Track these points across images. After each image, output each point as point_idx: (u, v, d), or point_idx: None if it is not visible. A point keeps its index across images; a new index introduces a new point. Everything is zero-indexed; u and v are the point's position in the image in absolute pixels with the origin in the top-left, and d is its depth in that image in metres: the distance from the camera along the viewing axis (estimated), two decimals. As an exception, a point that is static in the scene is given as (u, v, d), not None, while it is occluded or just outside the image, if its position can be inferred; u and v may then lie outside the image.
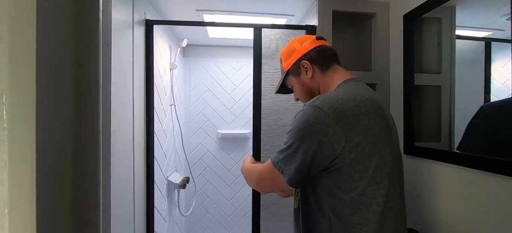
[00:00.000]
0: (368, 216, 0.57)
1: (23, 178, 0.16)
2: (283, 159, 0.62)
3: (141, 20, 1.18)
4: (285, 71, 0.78)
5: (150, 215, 1.25)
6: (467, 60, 0.92)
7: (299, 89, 0.77)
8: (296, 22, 1.56)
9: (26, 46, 0.16)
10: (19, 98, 0.16)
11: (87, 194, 0.22)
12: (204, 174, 2.16)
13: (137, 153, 1.14)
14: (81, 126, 0.22)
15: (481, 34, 0.89)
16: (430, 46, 1.07)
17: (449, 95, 0.98)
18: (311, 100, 0.62)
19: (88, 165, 0.22)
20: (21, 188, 0.16)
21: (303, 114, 0.61)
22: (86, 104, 0.22)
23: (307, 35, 0.80)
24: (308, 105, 0.61)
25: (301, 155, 0.59)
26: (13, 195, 0.16)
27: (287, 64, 0.77)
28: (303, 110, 0.62)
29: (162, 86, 1.51)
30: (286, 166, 0.62)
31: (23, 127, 0.16)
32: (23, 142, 0.17)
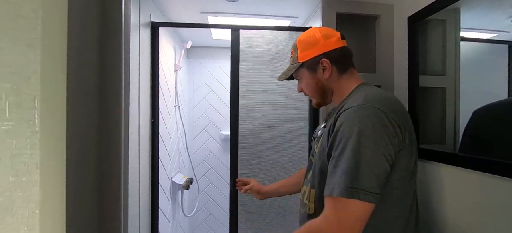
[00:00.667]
0: (404, 212, 0.58)
1: (54, 179, 0.17)
2: (351, 179, 0.50)
3: (147, 22, 1.19)
4: (299, 62, 0.70)
5: (154, 216, 1.26)
6: (474, 61, 0.92)
7: (311, 86, 0.70)
8: (300, 24, 1.57)
9: (58, 52, 0.17)
10: (51, 102, 0.17)
11: (111, 194, 0.23)
12: (207, 175, 2.17)
13: (143, 153, 1.15)
14: (106, 128, 0.23)
15: (486, 36, 0.89)
16: (434, 48, 1.07)
17: (454, 97, 0.98)
18: (360, 100, 0.56)
19: (112, 165, 0.23)
20: (52, 190, 0.17)
21: (362, 117, 0.53)
22: (111, 107, 0.23)
23: (330, 29, 0.74)
24: (361, 106, 0.55)
25: (377, 161, 0.51)
26: (44, 196, 0.16)
27: (304, 56, 0.69)
28: (358, 113, 0.54)
29: (167, 88, 1.52)
30: (360, 183, 0.50)
31: (54, 131, 0.17)
32: (54, 145, 0.17)
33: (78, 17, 0.18)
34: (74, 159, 0.18)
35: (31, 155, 0.16)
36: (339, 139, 0.54)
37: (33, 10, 0.16)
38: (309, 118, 1.30)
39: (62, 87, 0.18)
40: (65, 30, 0.17)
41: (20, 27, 0.16)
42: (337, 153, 0.54)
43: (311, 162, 0.73)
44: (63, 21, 0.17)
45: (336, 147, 0.55)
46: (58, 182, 0.17)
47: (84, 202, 0.19)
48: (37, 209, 0.16)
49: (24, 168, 0.17)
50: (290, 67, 0.73)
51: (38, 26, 0.15)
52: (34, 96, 0.16)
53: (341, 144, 0.53)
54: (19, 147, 0.16)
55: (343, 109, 0.58)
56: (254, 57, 1.27)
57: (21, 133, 0.16)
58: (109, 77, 0.20)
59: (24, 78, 0.16)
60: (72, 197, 0.18)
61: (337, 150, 0.54)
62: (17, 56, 0.16)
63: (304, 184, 0.73)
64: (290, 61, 0.74)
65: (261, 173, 1.31)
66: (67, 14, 0.17)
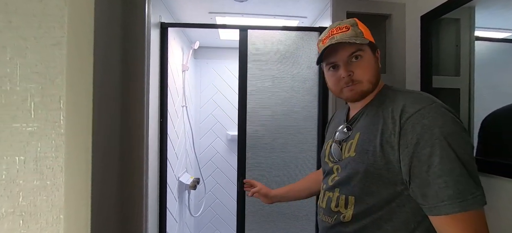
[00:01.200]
0: None
1: (79, 183, 0.16)
2: (471, 186, 0.45)
3: (156, 23, 1.19)
4: (366, 39, 0.61)
5: (162, 215, 1.26)
6: (489, 61, 0.89)
7: (374, 67, 0.63)
8: (309, 24, 1.56)
9: (84, 51, 0.16)
10: (77, 103, 0.16)
11: (134, 198, 0.22)
12: (213, 176, 2.17)
13: (151, 153, 1.15)
14: (129, 129, 0.22)
15: (501, 35, 0.87)
16: (448, 48, 1.05)
17: (468, 97, 0.96)
18: (427, 99, 0.52)
19: (135, 168, 0.22)
20: (77, 194, 0.16)
21: (450, 119, 0.49)
22: (133, 108, 0.22)
23: None
24: (438, 105, 0.50)
25: (473, 161, 0.48)
26: (68, 201, 0.16)
27: (369, 36, 0.64)
28: (442, 114, 0.49)
29: (175, 88, 1.52)
30: (478, 187, 0.46)
31: (79, 133, 0.17)
32: (80, 148, 0.17)
33: (103, 17, 0.17)
34: (99, 162, 0.17)
35: (56, 158, 0.16)
36: (431, 144, 0.47)
37: (58, 7, 0.15)
38: (318, 119, 1.29)
39: (88, 88, 0.17)
40: (92, 29, 0.17)
41: (45, 25, 0.16)
42: (437, 160, 0.46)
43: (329, 167, 0.68)
44: (89, 19, 0.16)
45: (429, 155, 0.47)
46: (83, 186, 0.16)
47: (108, 208, 0.18)
48: (61, 214, 0.15)
49: (48, 171, 0.16)
50: (359, 38, 0.61)
51: (64, 24, 0.15)
52: (59, 96, 0.15)
53: (438, 150, 0.47)
54: (44, 150, 0.16)
55: (409, 110, 0.52)
56: (262, 57, 1.26)
57: (46, 135, 0.15)
58: (132, 78, 0.19)
59: (50, 78, 0.15)
60: (96, 202, 0.18)
61: (434, 157, 0.47)
62: (43, 55, 0.15)
63: (328, 191, 0.66)
64: (348, 34, 0.61)
65: (269, 174, 1.30)
66: (93, 12, 0.17)
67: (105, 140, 0.18)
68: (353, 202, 0.59)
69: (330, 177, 0.67)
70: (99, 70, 0.17)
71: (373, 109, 0.61)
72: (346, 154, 0.63)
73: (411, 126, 0.50)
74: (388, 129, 0.54)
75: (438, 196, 0.46)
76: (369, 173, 0.56)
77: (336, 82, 0.65)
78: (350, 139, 0.63)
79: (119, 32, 0.19)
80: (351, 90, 0.62)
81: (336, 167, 0.65)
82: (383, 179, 0.55)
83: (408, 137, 0.50)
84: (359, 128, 0.62)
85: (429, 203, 0.48)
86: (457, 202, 0.44)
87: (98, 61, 0.17)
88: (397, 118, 0.53)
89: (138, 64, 0.20)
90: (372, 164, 0.55)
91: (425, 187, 0.48)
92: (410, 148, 0.49)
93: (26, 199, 0.15)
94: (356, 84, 0.62)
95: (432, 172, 0.47)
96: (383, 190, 0.55)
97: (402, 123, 0.52)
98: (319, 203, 0.70)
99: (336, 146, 0.66)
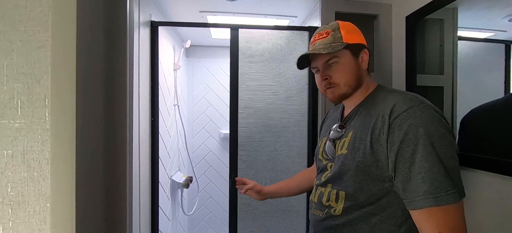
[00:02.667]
0: None
1: (64, 174, 0.18)
2: (450, 183, 0.48)
3: (146, 21, 1.19)
4: (343, 43, 0.64)
5: (154, 214, 1.27)
6: (471, 60, 0.93)
7: (352, 70, 0.65)
8: (299, 24, 1.58)
9: (67, 52, 0.17)
10: (61, 101, 0.17)
11: (119, 186, 0.24)
12: (206, 174, 2.17)
13: (143, 152, 1.16)
14: (111, 124, 0.23)
15: (483, 35, 0.90)
16: (432, 47, 1.08)
17: (451, 96, 0.99)
18: (415, 99, 0.55)
19: (119, 158, 0.24)
20: (62, 184, 0.17)
21: (432, 117, 0.52)
22: (117, 106, 0.24)
23: None
24: (426, 106, 0.53)
25: (456, 157, 0.51)
26: (54, 190, 0.17)
27: (349, 38, 0.65)
28: (429, 115, 0.52)
29: (166, 87, 1.52)
30: (456, 182, 0.49)
31: (64, 128, 0.18)
32: (64, 142, 0.18)
33: (85, 18, 0.18)
34: (83, 155, 0.19)
35: (42, 151, 0.17)
36: (414, 143, 0.50)
37: (43, 13, 0.16)
38: (308, 117, 1.31)
39: (72, 86, 0.18)
40: (74, 32, 0.18)
41: (30, 29, 0.17)
42: (418, 157, 0.50)
43: (323, 164, 0.70)
44: (72, 23, 0.18)
45: (412, 153, 0.50)
46: (69, 176, 0.18)
47: (92, 197, 0.19)
48: (48, 203, 0.17)
49: (35, 163, 0.17)
50: (334, 44, 0.64)
51: (48, 28, 0.16)
52: (45, 95, 0.17)
53: (420, 148, 0.49)
54: (30, 144, 0.17)
55: (398, 109, 0.55)
56: (253, 56, 1.27)
57: (33, 130, 0.17)
58: (115, 76, 0.20)
59: (35, 78, 0.16)
60: (81, 192, 0.19)
61: (416, 154, 0.50)
62: (28, 57, 0.16)
63: (320, 186, 0.69)
64: (325, 41, 0.65)
65: (261, 172, 1.32)
66: (76, 15, 0.18)
67: (88, 135, 0.19)
68: (343, 197, 0.61)
69: (323, 174, 0.69)
70: (82, 70, 0.18)
71: (365, 109, 0.64)
72: (339, 151, 0.65)
73: (398, 124, 0.53)
74: (378, 127, 0.56)
75: (416, 191, 0.49)
76: (359, 170, 0.58)
77: (319, 84, 0.70)
78: (343, 137, 0.65)
79: (102, 32, 0.20)
80: (332, 93, 0.67)
81: (329, 164, 0.68)
82: (372, 176, 0.57)
83: (395, 135, 0.53)
84: (352, 127, 0.64)
85: (408, 197, 0.51)
86: (431, 197, 0.48)
87: (81, 61, 0.18)
88: (386, 117, 0.55)
89: (121, 63, 0.21)
90: (362, 161, 0.58)
91: (406, 182, 0.51)
92: (396, 145, 0.52)
93: (14, 189, 0.17)
94: (334, 87, 0.66)
95: (414, 168, 0.50)
96: (373, 187, 0.57)
97: (390, 122, 0.54)
98: (311, 198, 0.72)
99: (330, 144, 0.68)
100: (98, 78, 0.21)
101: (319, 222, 0.67)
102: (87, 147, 0.21)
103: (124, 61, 0.22)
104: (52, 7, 0.17)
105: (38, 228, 0.17)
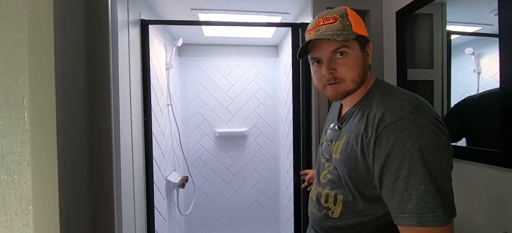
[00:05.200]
0: None
1: (45, 176, 0.17)
2: (439, 202, 0.45)
3: (136, 20, 1.17)
4: (354, 33, 0.57)
5: (150, 215, 1.26)
6: (459, 54, 0.95)
7: (360, 63, 0.59)
8: (291, 20, 1.58)
9: (45, 52, 0.17)
10: (40, 101, 0.17)
11: (103, 187, 0.23)
12: (202, 173, 2.17)
13: (136, 153, 1.14)
14: (95, 124, 0.23)
15: (472, 29, 0.92)
16: (422, 42, 1.10)
17: (441, 89, 1.01)
18: (407, 108, 0.50)
19: (103, 160, 0.23)
20: (44, 186, 0.17)
21: (428, 132, 0.47)
22: (100, 106, 0.23)
23: None
24: (418, 116, 0.49)
25: (448, 174, 0.48)
26: (36, 193, 0.16)
27: (358, 29, 0.58)
28: (420, 126, 0.48)
29: (159, 86, 1.51)
30: (447, 203, 0.45)
31: (44, 129, 0.17)
32: (45, 143, 0.17)
33: (64, 16, 0.18)
34: (65, 156, 0.18)
35: (22, 153, 0.16)
36: (400, 157, 0.47)
37: (18, 10, 0.16)
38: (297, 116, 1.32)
39: (51, 86, 0.18)
40: (52, 29, 0.17)
41: (5, 27, 0.16)
42: (404, 173, 0.47)
43: (322, 163, 0.69)
44: (49, 21, 0.17)
45: (398, 168, 0.48)
46: (50, 179, 0.17)
47: (77, 199, 0.19)
48: (30, 206, 0.16)
49: (15, 166, 0.17)
50: (345, 32, 0.56)
51: (24, 26, 0.16)
52: (23, 95, 0.16)
53: (406, 163, 0.47)
54: (9, 146, 0.16)
55: (387, 119, 0.51)
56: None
57: (11, 132, 0.16)
58: (97, 75, 0.20)
59: (12, 78, 0.16)
60: (64, 194, 0.18)
61: (402, 170, 0.47)
62: (4, 57, 0.16)
63: (320, 187, 0.68)
64: (334, 27, 0.57)
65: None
66: (53, 13, 0.17)
67: (72, 136, 0.18)
68: (342, 201, 0.60)
69: (322, 173, 0.68)
70: (62, 69, 0.18)
71: (360, 111, 0.60)
72: (334, 154, 0.63)
73: (386, 136, 0.50)
74: (367, 135, 0.54)
75: (400, 207, 0.47)
76: (351, 176, 0.57)
77: (319, 78, 0.62)
78: (338, 140, 0.63)
79: (83, 29, 0.19)
80: (334, 90, 0.60)
81: (327, 164, 0.67)
82: (365, 183, 0.56)
83: (382, 147, 0.50)
84: (346, 130, 0.62)
85: (393, 212, 0.50)
86: (415, 217, 0.45)
87: (60, 60, 0.17)
88: (375, 126, 0.53)
89: (103, 61, 0.21)
90: (353, 168, 0.57)
91: (390, 196, 0.49)
92: (382, 157, 0.50)
93: (-6, 193, 0.16)
94: (339, 83, 0.59)
95: (398, 184, 0.48)
96: (366, 192, 0.56)
97: (378, 133, 0.52)
98: (311, 195, 0.72)
99: (326, 144, 0.67)
100: (80, 77, 0.21)
101: (317, 221, 0.66)
102: (70, 147, 0.20)
103: (107, 61, 0.21)
104: (27, 3, 0.16)
105: (20, 231, 0.16)
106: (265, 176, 2.23)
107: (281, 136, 2.12)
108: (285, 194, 1.99)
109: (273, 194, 2.24)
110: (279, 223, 2.23)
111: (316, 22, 0.60)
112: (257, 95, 2.18)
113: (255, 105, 2.18)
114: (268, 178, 2.23)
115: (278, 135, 2.21)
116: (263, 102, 2.19)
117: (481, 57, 0.83)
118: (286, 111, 1.88)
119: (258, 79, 2.18)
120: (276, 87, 2.20)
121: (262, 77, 2.19)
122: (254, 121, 2.19)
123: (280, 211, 2.19)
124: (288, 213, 1.86)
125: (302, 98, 1.31)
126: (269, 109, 2.20)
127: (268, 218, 2.24)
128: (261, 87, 2.19)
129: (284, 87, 1.96)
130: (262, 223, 2.24)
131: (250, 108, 2.18)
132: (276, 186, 2.24)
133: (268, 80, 2.19)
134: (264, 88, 2.19)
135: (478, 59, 0.85)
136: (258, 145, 2.20)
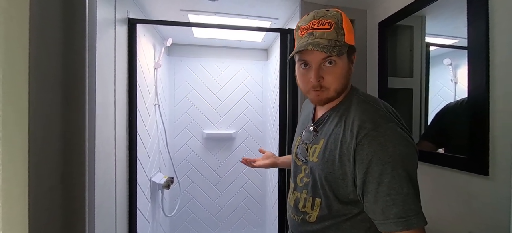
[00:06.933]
0: None
1: (15, 177, 0.17)
2: (414, 205, 0.48)
3: (123, 18, 1.16)
4: (346, 44, 0.57)
5: (132, 216, 1.24)
6: (438, 64, 1.00)
7: (343, 75, 0.59)
8: (280, 26, 1.61)
9: (18, 48, 0.17)
10: (12, 99, 0.17)
11: (75, 190, 0.24)
12: (189, 174, 2.15)
13: (119, 153, 1.12)
14: (69, 124, 0.23)
15: (450, 42, 0.97)
16: (403, 52, 1.15)
17: (420, 97, 1.06)
18: (391, 122, 0.53)
19: (75, 161, 0.24)
20: (14, 187, 0.17)
21: (404, 140, 0.51)
22: (74, 102, 0.24)
23: None
24: (393, 125, 0.52)
25: (415, 183, 0.51)
26: (6, 194, 0.17)
27: (350, 39, 0.58)
28: (398, 134, 0.51)
29: (146, 86, 1.49)
30: (418, 206, 0.49)
31: (16, 128, 0.17)
32: (16, 142, 0.17)
33: (39, 16, 0.18)
34: (36, 159, 0.18)
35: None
36: (383, 163, 0.49)
37: None
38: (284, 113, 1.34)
39: (24, 88, 0.18)
40: (27, 29, 0.18)
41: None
42: (388, 178, 0.49)
43: (298, 165, 0.70)
44: (24, 20, 0.17)
45: (381, 173, 0.49)
46: (20, 182, 0.17)
47: (47, 202, 0.19)
48: None
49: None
50: (339, 43, 0.56)
51: None
52: None
53: (389, 168, 0.49)
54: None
55: (368, 126, 0.53)
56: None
57: (-19, 132, 0.16)
58: (72, 76, 0.20)
59: None
60: (34, 194, 0.18)
61: (385, 174, 0.49)
62: None
63: (297, 191, 0.69)
64: (329, 35, 0.56)
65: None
66: (28, 12, 0.18)
67: (44, 138, 0.18)
68: (319, 205, 0.62)
69: (298, 177, 0.69)
70: (36, 69, 0.18)
71: (337, 116, 0.61)
72: (310, 157, 0.64)
73: (367, 143, 0.51)
74: (346, 141, 0.55)
75: (384, 213, 0.49)
76: (328, 180, 0.59)
77: (305, 82, 0.62)
78: (315, 144, 0.64)
79: (59, 27, 0.19)
80: (317, 96, 0.61)
81: (303, 167, 0.68)
82: (340, 188, 0.58)
83: (364, 153, 0.51)
84: (323, 134, 0.63)
85: (377, 219, 0.51)
86: (402, 221, 0.47)
87: (34, 56, 0.17)
88: (355, 132, 0.54)
89: (79, 61, 0.21)
90: (331, 172, 0.58)
91: (373, 203, 0.51)
92: (365, 164, 0.51)
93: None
94: (323, 91, 0.60)
95: (381, 189, 0.49)
96: (343, 196, 0.58)
97: (358, 139, 0.53)
98: (289, 200, 0.73)
99: (302, 147, 0.68)
100: (55, 78, 0.21)
101: (295, 226, 0.68)
102: (44, 147, 0.21)
103: (82, 60, 0.21)
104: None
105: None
106: (252, 178, 2.23)
107: (268, 139, 2.14)
108: (271, 196, 2.01)
109: (260, 196, 2.25)
110: (265, 225, 2.24)
111: (310, 23, 0.58)
112: (246, 97, 2.19)
113: (244, 108, 2.19)
114: (255, 180, 2.24)
115: (266, 138, 2.22)
116: (251, 104, 2.20)
117: (458, 68, 0.87)
118: (274, 114, 1.90)
119: (248, 82, 2.19)
120: (265, 90, 2.22)
121: (252, 80, 2.20)
122: (243, 123, 2.19)
123: (266, 213, 2.20)
124: (274, 215, 1.87)
125: (288, 102, 1.34)
126: (258, 111, 2.22)
127: (254, 220, 2.25)
128: (250, 90, 2.20)
129: (272, 91, 1.98)
130: (248, 225, 2.24)
131: (239, 110, 2.19)
132: (263, 188, 2.26)
133: (257, 83, 2.21)
134: (253, 91, 2.21)
135: (455, 69, 0.89)
136: (246, 147, 2.21)
